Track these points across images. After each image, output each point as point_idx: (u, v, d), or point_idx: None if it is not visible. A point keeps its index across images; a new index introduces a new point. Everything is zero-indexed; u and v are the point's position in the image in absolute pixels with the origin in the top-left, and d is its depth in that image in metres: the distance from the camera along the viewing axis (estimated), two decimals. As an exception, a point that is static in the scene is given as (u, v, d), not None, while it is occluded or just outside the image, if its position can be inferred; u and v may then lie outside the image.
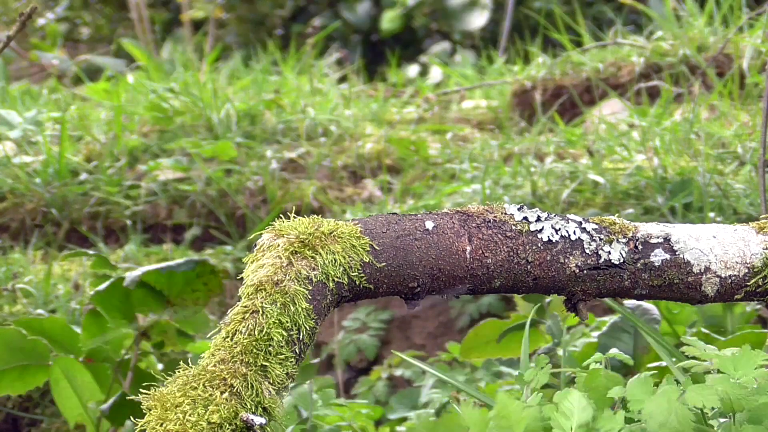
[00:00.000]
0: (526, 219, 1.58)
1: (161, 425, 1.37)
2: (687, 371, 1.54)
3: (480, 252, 1.55)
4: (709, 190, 3.26)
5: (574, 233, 1.58)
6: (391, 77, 6.28)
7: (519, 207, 1.59)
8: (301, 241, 1.49)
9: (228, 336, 1.44)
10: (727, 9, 4.54)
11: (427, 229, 1.54)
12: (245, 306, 1.45)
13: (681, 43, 4.42)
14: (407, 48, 7.98)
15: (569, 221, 1.59)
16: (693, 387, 1.42)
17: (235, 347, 1.42)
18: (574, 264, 1.57)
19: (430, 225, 1.54)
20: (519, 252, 1.56)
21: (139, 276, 2.34)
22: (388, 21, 7.97)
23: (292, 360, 1.43)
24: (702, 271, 1.60)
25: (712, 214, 3.18)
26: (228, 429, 1.37)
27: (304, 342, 1.45)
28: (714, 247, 1.60)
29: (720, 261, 1.60)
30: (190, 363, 1.44)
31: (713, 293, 1.61)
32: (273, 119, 4.55)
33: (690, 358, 1.55)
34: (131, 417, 1.48)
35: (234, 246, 3.92)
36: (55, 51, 7.66)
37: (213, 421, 1.37)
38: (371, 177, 4.22)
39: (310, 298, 1.46)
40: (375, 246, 1.51)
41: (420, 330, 3.53)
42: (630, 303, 2.29)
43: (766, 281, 1.61)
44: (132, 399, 1.43)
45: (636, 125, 3.91)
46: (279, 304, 1.44)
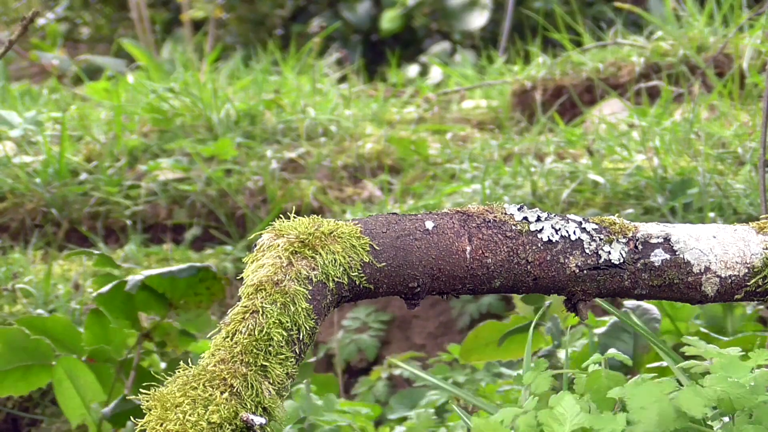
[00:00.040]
0: (526, 219, 1.58)
1: (161, 425, 1.37)
2: (687, 371, 1.54)
3: (480, 252, 1.55)
4: (709, 190, 3.26)
5: (574, 233, 1.58)
6: (391, 77, 6.28)
7: (519, 207, 1.59)
8: (301, 241, 1.49)
9: (228, 336, 1.44)
10: (727, 9, 4.54)
11: (427, 229, 1.54)
12: (245, 306, 1.45)
13: (681, 43, 4.42)
14: (407, 48, 7.98)
15: (569, 221, 1.59)
16: (685, 389, 1.42)
17: (235, 347, 1.42)
18: (574, 264, 1.57)
19: (430, 225, 1.54)
20: (519, 252, 1.56)
21: (141, 280, 2.34)
22: (388, 21, 7.97)
23: (292, 360, 1.43)
24: (702, 271, 1.60)
25: (712, 214, 3.18)
26: (228, 429, 1.37)
27: (304, 342, 1.45)
28: (714, 247, 1.60)
29: (720, 261, 1.60)
30: (190, 363, 1.44)
31: (713, 293, 1.61)
32: (273, 119, 4.55)
33: (690, 357, 1.55)
34: (132, 418, 1.48)
35: (234, 246, 3.91)
36: (55, 51, 7.66)
37: (213, 421, 1.37)
38: (371, 177, 4.22)
39: (310, 298, 1.46)
40: (375, 246, 1.51)
41: (420, 330, 3.53)
42: (630, 303, 2.29)
43: (766, 281, 1.61)
44: (133, 400, 1.43)
45: (636, 125, 3.91)
46: (279, 304, 1.44)
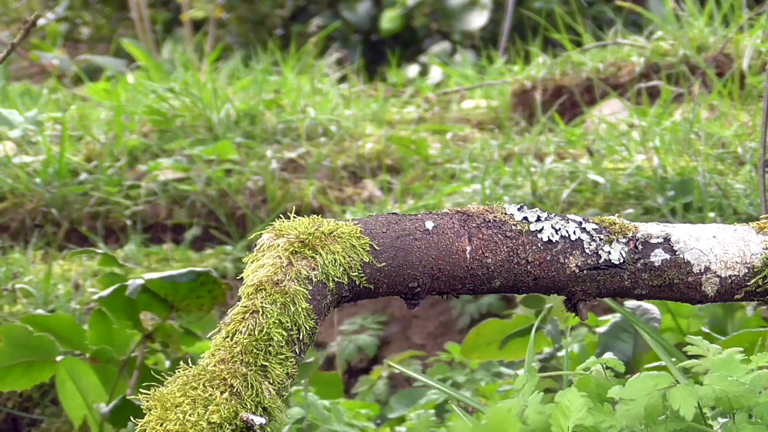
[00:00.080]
0: (526, 219, 1.58)
1: (161, 425, 1.37)
2: (687, 371, 1.54)
3: (480, 252, 1.55)
4: (709, 190, 3.26)
5: (574, 233, 1.58)
6: (391, 77, 6.28)
7: (519, 207, 1.59)
8: (301, 241, 1.49)
9: (228, 336, 1.44)
10: (727, 9, 4.54)
11: (427, 229, 1.54)
12: (245, 306, 1.45)
13: (681, 43, 4.42)
14: (407, 48, 7.98)
15: (569, 221, 1.59)
16: (679, 387, 1.42)
17: (235, 347, 1.42)
18: (574, 264, 1.57)
19: (430, 225, 1.54)
20: (519, 252, 1.56)
21: (141, 285, 2.34)
22: (388, 21, 7.97)
23: (292, 360, 1.43)
24: (702, 271, 1.60)
25: (712, 214, 3.18)
26: (228, 429, 1.37)
27: (304, 342, 1.45)
28: (714, 247, 1.60)
29: (720, 261, 1.60)
30: (190, 363, 1.44)
31: (713, 293, 1.61)
32: (273, 119, 4.55)
33: (692, 357, 1.55)
34: (132, 418, 1.48)
35: (234, 246, 3.91)
36: (55, 51, 7.65)
37: (213, 421, 1.37)
38: (371, 177, 4.22)
39: (310, 298, 1.46)
40: (375, 246, 1.51)
41: (420, 330, 3.53)
42: (630, 303, 2.29)
43: (766, 281, 1.61)
44: (133, 400, 1.43)
45: (636, 125, 3.91)
46: (279, 304, 1.44)
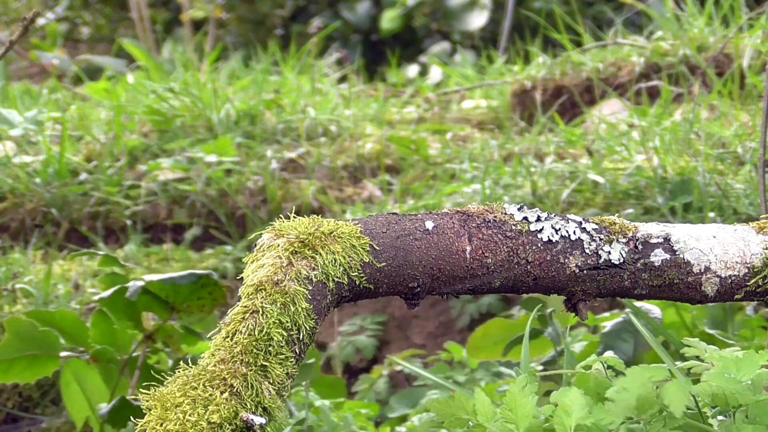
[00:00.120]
0: (526, 219, 1.58)
1: (161, 425, 1.37)
2: (687, 371, 1.54)
3: (480, 252, 1.54)
4: (709, 190, 3.26)
5: (574, 233, 1.58)
6: (391, 77, 6.28)
7: (519, 207, 1.59)
8: (301, 241, 1.49)
9: (228, 336, 1.44)
10: (727, 9, 4.54)
11: (427, 229, 1.54)
12: (245, 306, 1.45)
13: (681, 43, 4.42)
14: (407, 48, 7.98)
15: (569, 221, 1.59)
16: (671, 382, 1.41)
17: (235, 347, 1.42)
18: (574, 264, 1.57)
19: (430, 225, 1.54)
20: (519, 252, 1.56)
21: (142, 287, 2.35)
22: (388, 21, 7.97)
23: (292, 360, 1.43)
24: (702, 271, 1.60)
25: (712, 214, 3.18)
26: (228, 429, 1.37)
27: (304, 342, 1.45)
28: (714, 247, 1.60)
29: (720, 261, 1.60)
30: (190, 363, 1.44)
31: (713, 293, 1.61)
32: (273, 119, 4.55)
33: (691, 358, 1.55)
34: (132, 418, 1.48)
35: (234, 246, 3.91)
36: (55, 51, 7.66)
37: (213, 421, 1.37)
38: (371, 177, 4.22)
39: (310, 298, 1.46)
40: (375, 246, 1.51)
41: (420, 330, 3.53)
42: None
43: (766, 281, 1.61)
44: (133, 400, 1.43)
45: (636, 125, 3.91)
46: (279, 304, 1.44)
